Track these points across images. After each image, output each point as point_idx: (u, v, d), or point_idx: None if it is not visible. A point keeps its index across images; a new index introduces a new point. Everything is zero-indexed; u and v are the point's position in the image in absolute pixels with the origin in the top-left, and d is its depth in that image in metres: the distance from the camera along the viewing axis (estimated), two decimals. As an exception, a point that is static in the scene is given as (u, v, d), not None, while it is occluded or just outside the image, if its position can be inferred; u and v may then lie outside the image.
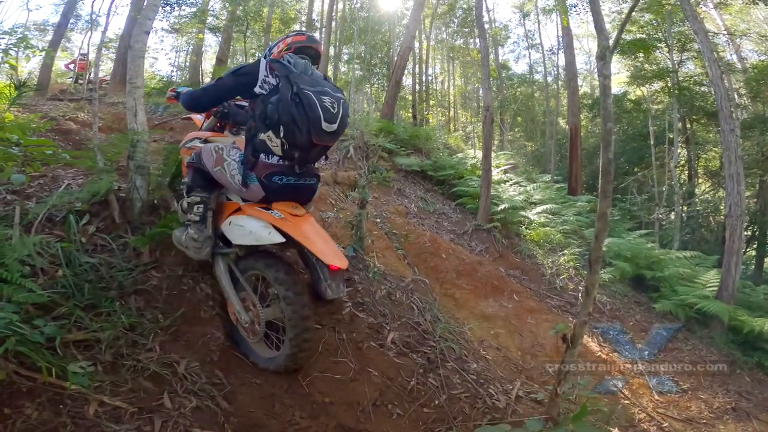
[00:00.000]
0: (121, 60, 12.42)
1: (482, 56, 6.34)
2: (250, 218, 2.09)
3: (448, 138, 11.23)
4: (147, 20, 3.02)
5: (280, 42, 2.27)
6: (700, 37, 5.53)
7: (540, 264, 5.74)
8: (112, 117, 7.75)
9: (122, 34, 12.85)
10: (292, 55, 2.11)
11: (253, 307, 2.13)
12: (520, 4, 18.67)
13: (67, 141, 4.82)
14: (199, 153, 2.26)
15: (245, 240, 2.08)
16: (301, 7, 17.36)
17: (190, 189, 2.23)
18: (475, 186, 6.46)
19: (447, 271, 4.94)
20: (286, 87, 1.93)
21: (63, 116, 6.18)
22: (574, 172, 8.87)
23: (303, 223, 2.04)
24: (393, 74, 9.25)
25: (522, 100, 17.20)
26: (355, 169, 6.22)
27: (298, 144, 1.94)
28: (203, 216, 2.19)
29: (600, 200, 1.72)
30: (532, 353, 4.32)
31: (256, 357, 2.19)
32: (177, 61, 19.33)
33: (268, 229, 2.00)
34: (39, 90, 9.67)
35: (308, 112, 1.88)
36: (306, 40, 2.24)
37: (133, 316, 2.05)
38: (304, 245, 1.96)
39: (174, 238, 2.32)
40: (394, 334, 2.68)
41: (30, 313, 1.78)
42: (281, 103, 1.91)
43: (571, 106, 9.67)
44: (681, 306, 5.71)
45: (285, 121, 1.90)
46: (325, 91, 1.99)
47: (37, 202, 2.62)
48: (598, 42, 1.85)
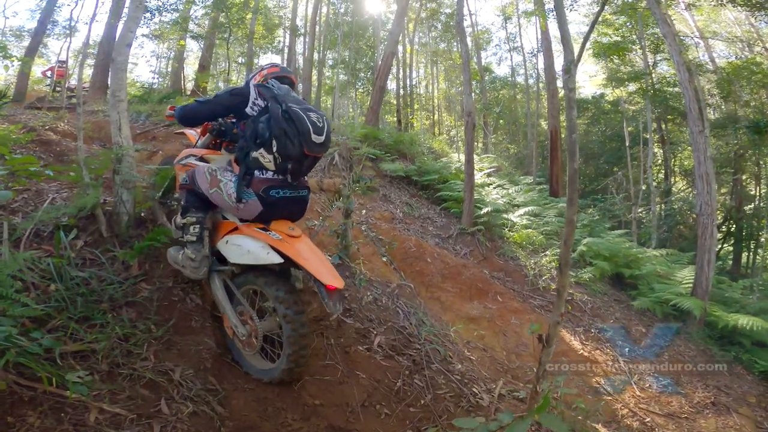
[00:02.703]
0: (100, 67, 12.22)
1: (463, 62, 6.49)
2: (248, 238, 2.14)
3: (432, 142, 11.36)
4: (129, 32, 3.02)
5: (256, 74, 2.41)
6: (669, 41, 5.76)
7: (523, 265, 5.88)
8: (93, 126, 7.65)
9: (101, 41, 12.65)
10: (274, 81, 2.28)
11: (251, 321, 2.18)
12: (502, 7, 18.98)
13: (49, 152, 4.78)
14: (192, 175, 2.30)
15: (244, 259, 2.13)
16: (285, 13, 17.33)
17: (186, 210, 2.27)
18: (459, 190, 6.58)
19: (432, 274, 5.04)
20: (275, 105, 2.08)
21: (42, 126, 6.09)
22: (554, 173, 9.09)
23: (300, 243, 2.10)
24: (377, 79, 9.34)
25: (504, 103, 17.47)
26: (340, 177, 6.29)
27: (291, 156, 2.04)
28: (200, 236, 2.23)
29: (567, 207, 1.83)
30: (516, 353, 4.44)
31: (252, 369, 2.24)
32: (158, 68, 19.10)
33: (266, 250, 2.06)
34: (17, 99, 9.47)
35: (298, 126, 2.02)
36: (280, 71, 2.40)
37: (126, 327, 2.10)
38: (302, 266, 2.01)
39: (169, 258, 2.36)
40: (381, 338, 2.76)
41: (26, 326, 1.83)
42: (272, 120, 2.04)
43: (551, 109, 9.90)
44: (658, 303, 5.91)
45: (277, 135, 2.02)
46: (310, 108, 2.13)
47: (24, 217, 2.64)
48: (564, 55, 1.96)
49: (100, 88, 11.40)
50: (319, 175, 6.09)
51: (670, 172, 12.77)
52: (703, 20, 13.69)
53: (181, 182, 2.37)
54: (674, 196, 11.86)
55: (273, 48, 17.63)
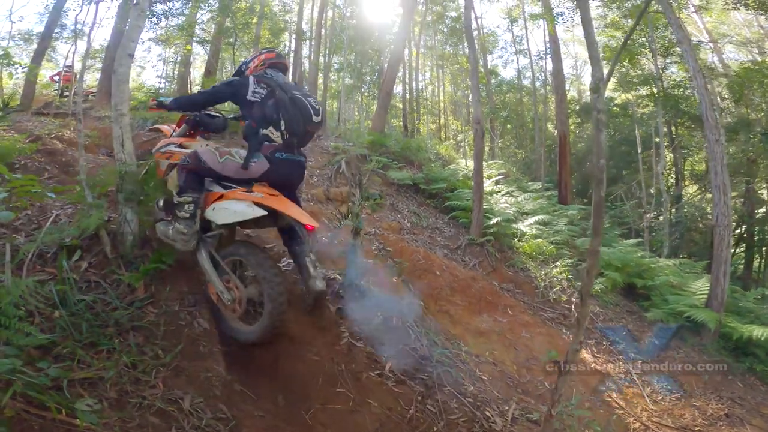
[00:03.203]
0: (107, 72, 12.15)
1: (471, 68, 6.39)
2: (233, 201, 2.43)
3: (439, 148, 11.25)
4: (130, 42, 2.90)
5: (254, 59, 2.79)
6: (684, 47, 5.61)
7: (533, 277, 5.77)
8: (99, 132, 7.61)
9: (108, 46, 12.64)
10: (270, 71, 2.70)
11: (236, 288, 2.44)
12: (508, 9, 18.84)
13: (54, 163, 4.73)
14: (195, 155, 2.55)
15: (231, 218, 2.41)
16: (290, 17, 17.27)
17: (183, 190, 2.51)
18: (467, 199, 6.48)
19: (441, 287, 4.95)
20: (282, 93, 2.49)
21: (48, 134, 6.04)
22: (563, 180, 8.95)
23: (278, 198, 2.44)
24: (383, 85, 9.26)
25: (511, 107, 17.30)
26: (347, 185, 6.21)
27: (297, 132, 2.50)
28: (193, 213, 2.50)
29: (592, 237, 1.74)
30: (527, 367, 4.35)
31: (234, 331, 2.48)
32: (165, 71, 19.08)
33: (251, 207, 2.36)
34: (23, 104, 9.45)
35: (302, 110, 2.48)
36: (275, 57, 2.79)
37: (134, 352, 2.05)
38: (285, 213, 2.37)
39: (158, 232, 2.60)
40: (392, 363, 2.68)
41: (32, 355, 1.79)
42: (281, 105, 2.47)
43: (559, 114, 9.74)
44: (672, 315, 5.78)
45: (286, 117, 2.46)
46: (308, 94, 2.64)
47: (26, 236, 2.58)
48: (593, 73, 1.86)
49: (106, 93, 11.33)
50: (325, 184, 6.02)
51: (680, 177, 12.55)
52: (711, 22, 13.49)
53: (181, 163, 2.58)
54: (685, 202, 11.66)
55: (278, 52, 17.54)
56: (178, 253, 2.57)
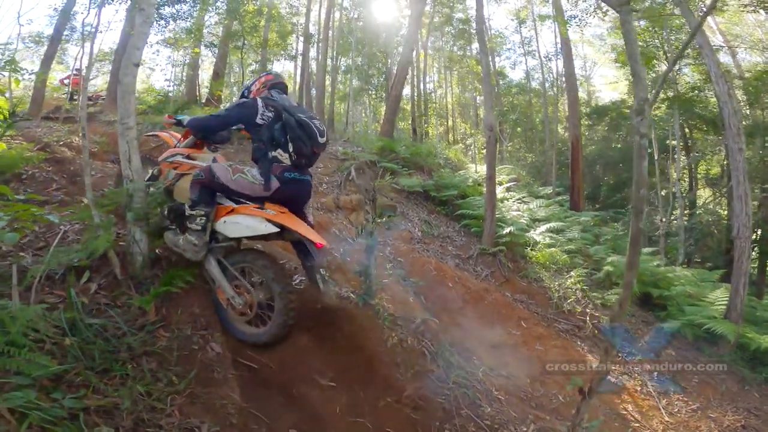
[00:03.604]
0: (116, 75, 12.12)
1: (484, 74, 6.27)
2: (245, 216, 2.52)
3: (448, 152, 11.12)
4: (136, 50, 2.80)
5: (256, 82, 2.92)
6: (705, 51, 5.45)
7: (547, 287, 5.66)
8: (108, 138, 7.57)
9: (116, 49, 12.61)
10: (274, 92, 2.80)
11: (247, 293, 2.53)
12: (516, 11, 18.65)
13: (62, 173, 4.68)
14: (208, 170, 2.61)
15: (243, 233, 2.54)
16: (297, 20, 17.21)
17: (196, 203, 2.57)
18: (479, 207, 6.37)
19: (454, 300, 4.86)
20: (288, 116, 2.58)
21: (57, 141, 6.00)
22: (576, 185, 8.78)
23: (289, 216, 2.55)
24: (392, 89, 9.16)
25: (521, 109, 17.10)
26: (357, 192, 6.12)
27: (304, 154, 2.61)
28: (204, 226, 2.57)
29: (626, 270, 1.63)
30: (541, 380, 4.26)
31: (241, 334, 2.55)
32: (174, 74, 19.05)
33: (263, 223, 2.45)
34: (32, 110, 9.43)
35: (308, 132, 2.59)
36: (274, 78, 2.92)
37: (147, 379, 2.00)
38: (296, 231, 2.46)
39: (168, 241, 2.66)
40: (410, 388, 2.58)
41: (44, 385, 1.74)
42: (288, 128, 2.56)
43: (571, 118, 9.57)
44: (689, 326, 5.66)
45: (293, 139, 2.56)
46: (312, 116, 2.72)
47: (33, 255, 2.51)
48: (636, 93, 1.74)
49: (116, 98, 11.29)
50: (335, 192, 5.93)
51: (694, 182, 12.30)
52: (723, 23, 13.24)
53: (195, 177, 2.63)
54: (700, 207, 11.42)
55: (286, 54, 17.55)
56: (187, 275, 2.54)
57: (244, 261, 2.60)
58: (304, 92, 14.49)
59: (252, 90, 2.88)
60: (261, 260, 2.56)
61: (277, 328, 2.48)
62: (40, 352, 1.77)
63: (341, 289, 3.12)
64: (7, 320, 1.76)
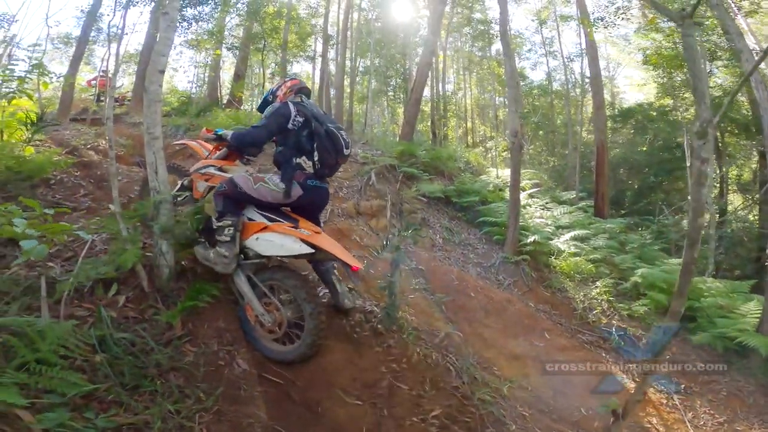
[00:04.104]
0: (141, 77, 12.29)
1: (508, 78, 6.15)
2: (279, 234, 2.51)
3: (468, 155, 10.97)
4: (161, 57, 2.75)
5: (281, 86, 2.92)
6: (745, 56, 5.20)
7: (571, 298, 5.53)
8: (134, 141, 7.70)
9: (142, 50, 12.82)
10: (303, 97, 2.82)
11: (276, 311, 2.52)
12: (537, 11, 18.31)
13: (89, 177, 4.75)
14: (230, 181, 2.61)
15: (278, 252, 2.51)
16: (316, 21, 17.25)
17: (222, 214, 2.56)
18: (501, 214, 6.25)
19: (475, 310, 4.78)
20: (318, 125, 2.61)
21: (84, 145, 6.11)
22: (600, 191, 8.52)
23: (324, 237, 2.57)
24: (413, 92, 9.06)
25: (542, 112, 16.77)
26: (377, 198, 6.07)
27: (328, 164, 2.65)
28: (233, 237, 2.55)
29: (675, 298, 1.53)
30: (563, 392, 4.18)
31: (269, 351, 2.54)
32: (196, 75, 19.33)
33: (297, 243, 2.45)
34: (60, 113, 9.64)
35: (335, 143, 2.63)
36: (299, 83, 2.93)
37: (176, 395, 2.00)
38: (332, 253, 2.46)
39: (198, 255, 2.66)
40: (436, 408, 2.52)
41: (76, 403, 1.74)
42: (316, 137, 2.59)
43: (597, 122, 9.28)
44: (720, 338, 5.47)
45: (320, 149, 2.59)
46: (339, 126, 2.75)
47: (61, 265, 2.52)
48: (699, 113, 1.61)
49: (141, 99, 11.40)
50: (355, 197, 5.88)
51: (726, 188, 11.83)
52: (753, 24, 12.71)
53: (217, 189, 2.63)
54: (730, 215, 10.98)
55: (305, 56, 17.62)
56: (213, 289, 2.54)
57: (274, 278, 2.59)
58: (324, 94, 14.52)
59: (278, 94, 2.88)
60: (293, 279, 2.53)
61: (306, 347, 2.48)
62: (70, 369, 1.77)
63: (364, 302, 3.07)
64: (36, 337, 1.76)
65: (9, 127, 4.33)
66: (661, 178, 11.92)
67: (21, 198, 2.30)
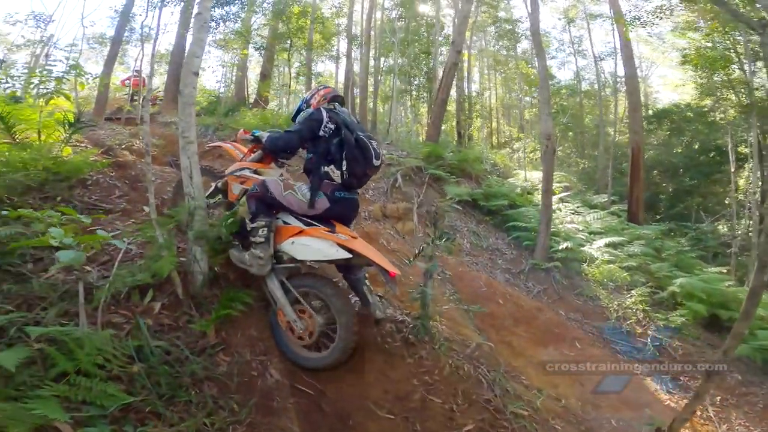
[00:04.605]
0: (172, 77, 12.53)
1: (540, 78, 5.97)
2: (315, 239, 2.47)
3: (495, 157, 10.77)
4: (195, 59, 2.71)
5: (315, 94, 2.90)
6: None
7: (604, 307, 5.34)
8: (166, 140, 7.85)
9: (172, 51, 13.09)
10: (336, 105, 2.78)
11: (309, 317, 2.49)
12: (564, 9, 17.83)
13: (124, 178, 4.82)
14: (262, 184, 2.61)
15: (314, 256, 2.49)
16: (340, 21, 17.26)
17: (255, 216, 2.56)
18: (530, 218, 6.09)
19: (504, 317, 4.68)
20: (348, 133, 2.56)
21: (119, 145, 6.25)
22: (635, 196, 8.17)
23: (360, 242, 2.51)
24: (439, 92, 8.93)
25: (571, 112, 16.31)
26: (403, 200, 6.01)
27: (357, 174, 2.57)
28: (267, 238, 2.53)
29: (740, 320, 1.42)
30: (593, 403, 4.09)
31: (299, 357, 2.51)
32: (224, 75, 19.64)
33: (334, 248, 2.40)
34: (96, 113, 9.94)
35: (365, 153, 2.56)
36: (332, 91, 2.92)
37: (210, 406, 1.98)
38: (368, 257, 2.41)
39: (233, 258, 2.64)
40: (469, 423, 2.45)
41: (115, 416, 1.73)
42: (346, 146, 2.53)
43: (632, 124, 8.89)
44: (759, 350, 5.24)
45: (349, 159, 2.53)
46: (370, 136, 2.68)
47: (98, 270, 2.55)
48: None
49: (173, 99, 11.60)
50: (382, 199, 5.85)
51: None
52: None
53: (250, 191, 2.64)
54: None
55: (328, 55, 17.67)
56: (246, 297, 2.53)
57: (308, 285, 2.55)
58: (349, 93, 14.54)
59: (311, 103, 2.85)
60: (328, 287, 2.50)
61: (339, 354, 2.45)
62: (108, 379, 1.77)
63: (395, 311, 3.02)
64: (74, 347, 1.76)
65: (47, 127, 4.37)
66: (699, 182, 11.39)
67: (59, 208, 2.33)
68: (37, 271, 2.38)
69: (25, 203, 3.11)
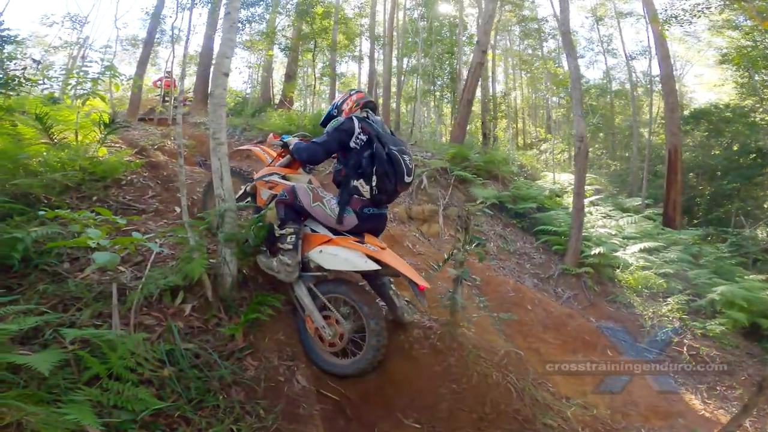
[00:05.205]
0: (201, 78, 12.77)
1: (572, 79, 5.78)
2: (344, 249, 2.45)
3: (522, 158, 10.53)
4: (225, 59, 2.70)
5: (347, 99, 2.80)
6: None
7: (638, 314, 5.13)
8: (197, 141, 8.03)
9: (201, 52, 13.33)
10: (369, 113, 2.68)
11: (337, 324, 2.47)
12: (592, 8, 17.32)
13: (156, 178, 4.93)
14: (291, 191, 2.59)
15: (343, 266, 2.44)
16: (362, 21, 17.25)
17: (284, 222, 2.55)
18: (561, 222, 5.91)
19: (532, 323, 4.56)
20: (379, 146, 2.45)
21: (152, 145, 6.41)
22: (672, 199, 7.81)
23: (389, 253, 2.49)
24: (464, 93, 8.79)
25: (601, 112, 15.80)
26: (429, 202, 5.94)
27: (387, 190, 2.47)
28: (295, 244, 2.52)
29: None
30: (623, 412, 3.97)
31: (326, 364, 2.50)
32: (249, 76, 19.98)
33: (363, 258, 2.38)
34: (129, 114, 10.25)
35: (397, 168, 2.45)
36: (365, 97, 2.80)
37: (237, 411, 1.96)
38: (400, 271, 2.39)
39: (261, 264, 2.62)
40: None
41: (145, 421, 1.72)
42: (377, 160, 2.43)
43: (669, 125, 8.49)
44: (799, 360, 4.95)
45: (380, 174, 2.43)
46: (403, 150, 2.56)
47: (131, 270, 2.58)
48: None
49: (203, 99, 11.82)
50: (407, 201, 5.78)
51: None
52: None
53: (279, 197, 2.62)
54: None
55: (352, 56, 17.70)
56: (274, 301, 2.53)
57: (337, 291, 2.53)
58: (372, 94, 14.53)
59: (343, 109, 2.78)
60: (357, 294, 2.48)
61: (366, 362, 2.43)
62: (140, 383, 1.77)
63: (422, 317, 2.96)
64: (107, 349, 1.77)
65: (84, 128, 4.47)
66: (738, 185, 10.82)
67: (95, 208, 2.38)
68: (73, 271, 2.43)
69: (63, 203, 3.20)
